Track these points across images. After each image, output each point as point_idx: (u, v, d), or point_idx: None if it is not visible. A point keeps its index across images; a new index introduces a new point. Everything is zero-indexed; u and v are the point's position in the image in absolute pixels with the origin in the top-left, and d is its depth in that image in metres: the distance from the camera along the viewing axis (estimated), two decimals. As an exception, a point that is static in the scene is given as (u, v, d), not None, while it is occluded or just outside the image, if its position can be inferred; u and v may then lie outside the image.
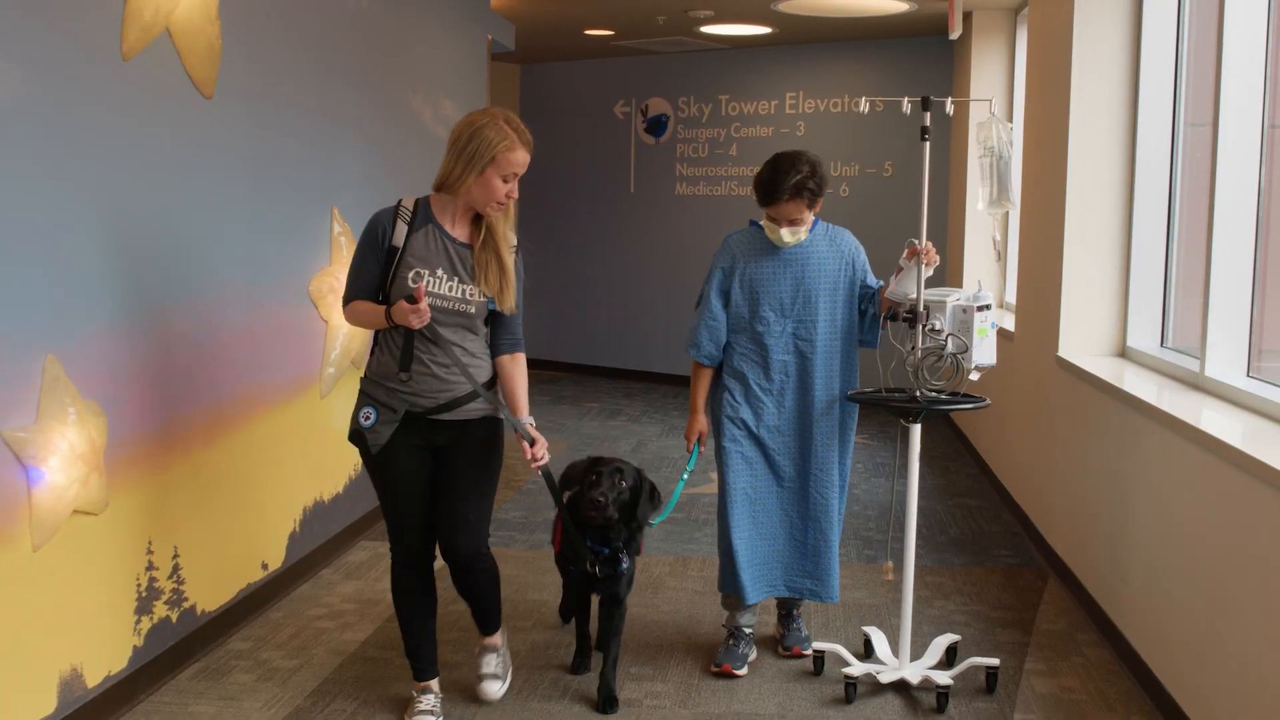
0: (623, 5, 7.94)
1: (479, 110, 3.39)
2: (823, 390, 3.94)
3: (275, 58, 4.48)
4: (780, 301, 3.92)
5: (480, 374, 3.45)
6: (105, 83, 3.43)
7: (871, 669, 3.81)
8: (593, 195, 10.64)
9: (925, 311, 3.71)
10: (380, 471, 3.45)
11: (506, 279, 3.41)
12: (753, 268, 3.93)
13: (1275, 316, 4.10)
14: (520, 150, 3.35)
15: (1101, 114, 5.09)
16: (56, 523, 3.21)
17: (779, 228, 3.85)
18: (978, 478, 6.88)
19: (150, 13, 3.54)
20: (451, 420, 3.43)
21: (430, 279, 3.34)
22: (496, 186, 3.32)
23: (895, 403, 3.77)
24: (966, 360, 3.70)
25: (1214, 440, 3.32)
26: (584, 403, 9.43)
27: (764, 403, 3.95)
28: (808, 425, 3.96)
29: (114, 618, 3.56)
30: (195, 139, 3.92)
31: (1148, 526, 3.93)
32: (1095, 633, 4.36)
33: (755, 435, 3.96)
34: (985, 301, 3.76)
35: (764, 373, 3.95)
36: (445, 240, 3.38)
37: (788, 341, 3.93)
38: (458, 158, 3.31)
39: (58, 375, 3.19)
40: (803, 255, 3.92)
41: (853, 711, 3.67)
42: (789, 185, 3.75)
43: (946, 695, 3.68)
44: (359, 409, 3.40)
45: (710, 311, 3.97)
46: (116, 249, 3.51)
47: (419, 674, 3.62)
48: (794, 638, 4.15)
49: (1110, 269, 5.15)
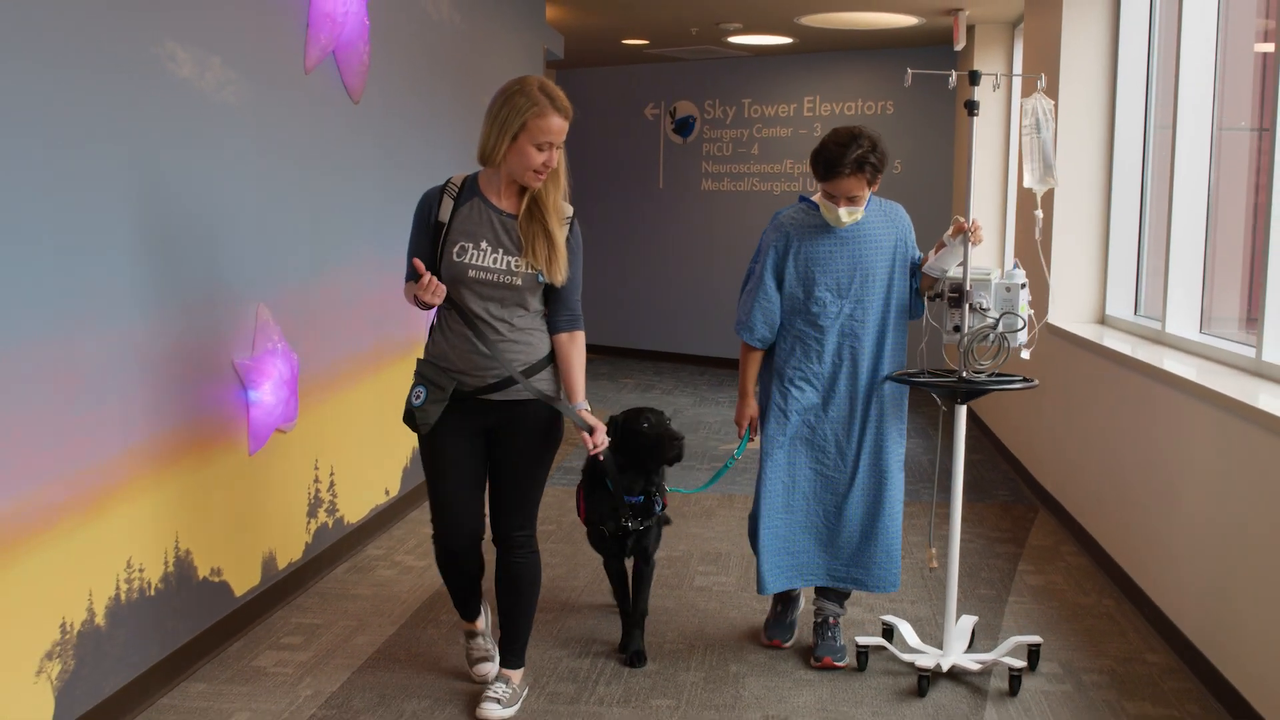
0: (659, 18, 8.86)
1: (515, 78, 3.28)
2: (875, 372, 3.79)
3: (399, 69, 5.39)
4: (838, 282, 3.72)
5: (533, 353, 3.34)
6: (292, 90, 4.34)
7: (936, 658, 3.71)
8: (624, 191, 11.57)
9: (970, 289, 3.62)
10: (428, 451, 3.40)
11: (555, 250, 3.27)
12: (808, 247, 3.73)
13: (1222, 287, 5.01)
14: (553, 116, 3.19)
15: (1084, 119, 6.02)
16: (265, 434, 4.12)
17: (837, 207, 3.65)
18: (979, 437, 7.81)
19: (325, 36, 4.45)
20: (502, 400, 3.33)
21: (474, 251, 3.25)
22: (531, 155, 3.19)
23: (943, 384, 3.63)
24: (1013, 339, 3.60)
25: (1174, 378, 4.22)
26: (620, 379, 10.37)
27: (816, 387, 3.79)
28: (861, 408, 3.79)
29: (295, 517, 4.47)
30: (346, 136, 4.84)
31: (1120, 455, 4.84)
32: (1076, 546, 5.27)
33: (805, 421, 3.81)
34: (1022, 280, 3.68)
35: (817, 356, 3.77)
36: (490, 212, 3.29)
37: (844, 323, 3.75)
38: (491, 125, 3.21)
39: (267, 320, 4.11)
40: (860, 233, 3.72)
41: (926, 704, 3.57)
42: (851, 159, 3.56)
43: (1019, 677, 3.62)
44: (412, 389, 3.35)
45: (765, 292, 3.76)
46: (303, 222, 4.42)
47: (468, 616, 3.70)
48: (826, 647, 3.85)
49: (1092, 250, 6.08)
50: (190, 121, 3.64)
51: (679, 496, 3.93)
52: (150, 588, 3.48)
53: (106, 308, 3.24)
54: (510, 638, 3.54)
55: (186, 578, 3.69)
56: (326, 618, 4.24)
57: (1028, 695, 3.64)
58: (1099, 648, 4.05)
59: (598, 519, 3.86)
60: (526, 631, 3.55)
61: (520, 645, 3.55)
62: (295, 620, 4.20)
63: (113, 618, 3.30)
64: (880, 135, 3.70)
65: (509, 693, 3.51)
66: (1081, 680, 3.76)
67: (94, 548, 3.21)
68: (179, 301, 3.61)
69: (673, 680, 3.76)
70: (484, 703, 3.46)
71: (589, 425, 3.35)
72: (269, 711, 3.46)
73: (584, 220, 3.49)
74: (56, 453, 3.03)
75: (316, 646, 3.97)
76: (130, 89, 3.32)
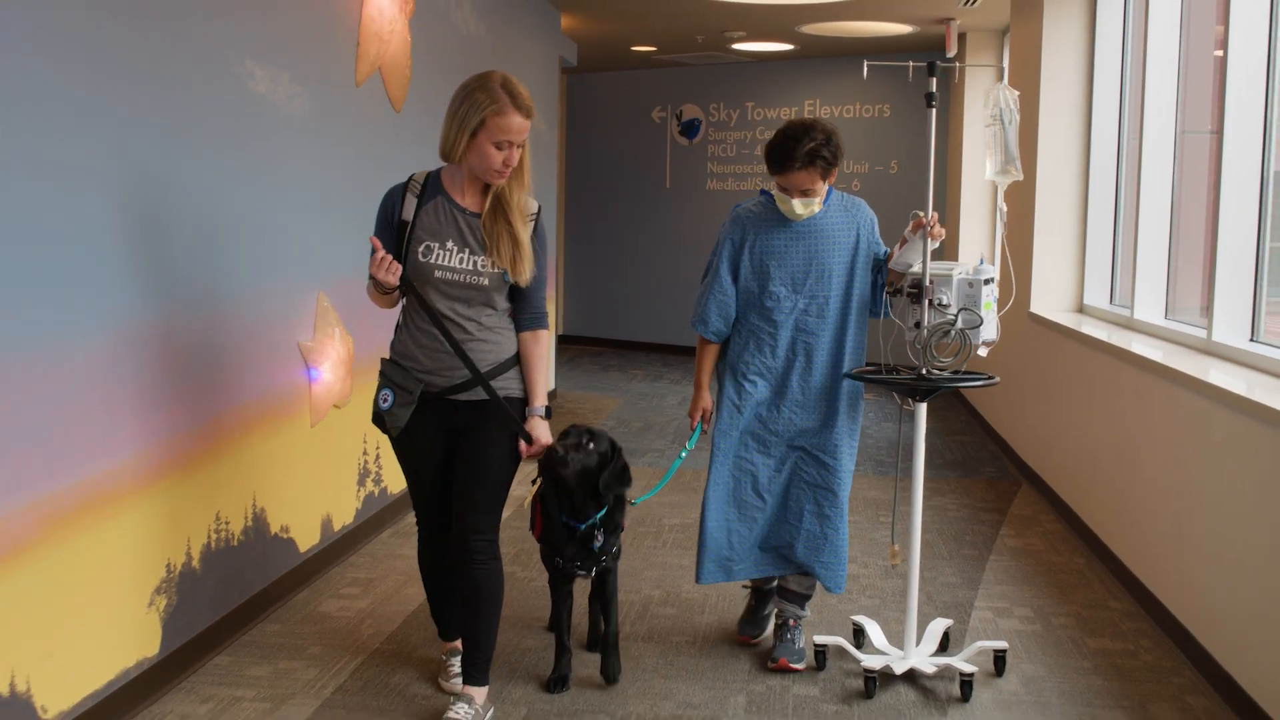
0: (668, 26, 9.36)
1: (478, 73, 3.19)
2: (832, 368, 3.75)
3: (435, 79, 5.88)
4: (792, 276, 3.70)
5: (501, 351, 3.30)
6: (345, 101, 4.84)
7: (886, 660, 3.66)
8: (632, 191, 12.08)
9: (930, 286, 3.57)
10: (401, 453, 3.38)
11: (520, 250, 3.20)
12: (763, 240, 3.70)
13: (1185, 277, 5.50)
14: (513, 115, 3.07)
15: (1064, 122, 6.53)
16: (324, 409, 4.62)
17: (790, 199, 3.61)
18: (969, 421, 8.31)
19: (374, 53, 4.95)
20: (469, 400, 3.29)
21: (440, 252, 3.19)
22: (490, 154, 3.10)
23: (902, 382, 3.57)
24: (974, 336, 3.55)
25: (1136, 358, 4.70)
26: (629, 370, 10.87)
27: (769, 381, 3.76)
28: (815, 404, 3.76)
29: (347, 485, 4.96)
30: (389, 142, 5.33)
31: (1092, 430, 5.34)
32: (1054, 514, 5.77)
33: (757, 415, 3.78)
34: (989, 275, 3.61)
35: (771, 351, 3.74)
36: (455, 211, 3.22)
37: (798, 318, 3.71)
38: (451, 121, 3.14)
39: (327, 307, 4.61)
40: (817, 228, 3.69)
41: (873, 705, 3.54)
42: (802, 153, 3.52)
43: (970, 683, 3.57)
44: (377, 391, 3.30)
45: (720, 285, 3.74)
46: (354, 219, 4.92)
47: (445, 634, 3.66)
48: (784, 649, 3.80)
49: (1070, 245, 6.59)
50: (266, 130, 4.14)
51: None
52: (234, 539, 3.98)
53: (201, 294, 3.74)
54: (472, 653, 3.34)
55: (261, 532, 4.18)
56: (378, 573, 4.73)
57: (1001, 633, 4.13)
58: (1067, 596, 4.55)
59: (550, 542, 3.58)
60: (490, 646, 3.36)
61: (484, 661, 3.35)
62: (350, 575, 4.70)
63: (205, 562, 3.80)
64: (836, 129, 3.64)
65: (471, 713, 3.30)
66: (1051, 622, 4.26)
67: (191, 501, 3.70)
68: (255, 289, 4.10)
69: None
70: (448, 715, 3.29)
71: (528, 434, 3.27)
72: (339, 646, 3.96)
73: (594, 218, 3.75)
74: (161, 417, 3.53)
75: (372, 596, 4.46)
76: (219, 103, 3.82)
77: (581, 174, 12.26)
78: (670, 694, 3.62)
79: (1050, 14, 6.54)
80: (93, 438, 3.19)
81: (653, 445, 7.48)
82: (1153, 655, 3.96)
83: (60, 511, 3.05)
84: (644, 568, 4.85)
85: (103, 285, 3.23)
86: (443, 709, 3.41)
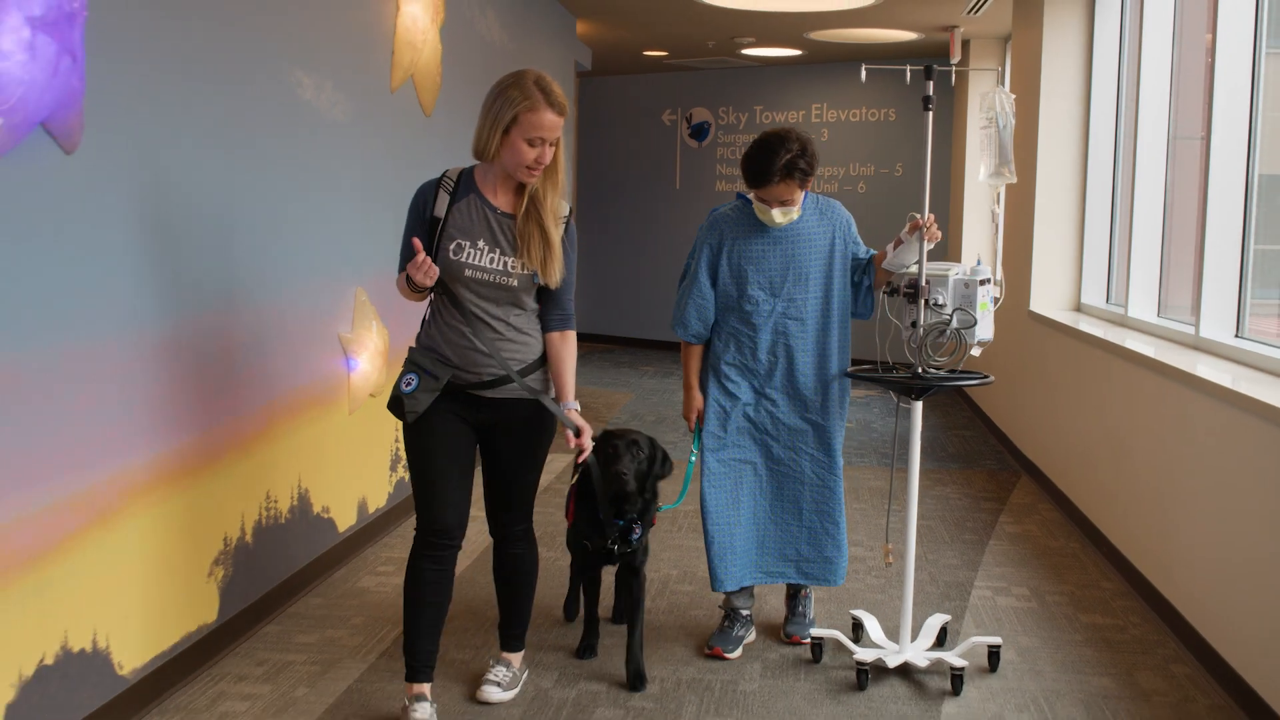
0: (679, 32, 9.63)
1: (513, 71, 3.23)
2: (814, 370, 3.80)
3: (461, 84, 6.16)
4: (770, 280, 3.75)
5: (528, 352, 3.31)
6: (381, 107, 5.11)
7: (879, 654, 3.73)
8: (642, 192, 12.36)
9: (926, 286, 3.62)
10: (416, 439, 3.30)
11: (551, 251, 3.22)
12: (742, 244, 3.76)
13: (1177, 277, 5.77)
14: (545, 112, 3.09)
15: (1062, 128, 6.80)
16: (362, 397, 4.90)
17: (770, 208, 3.67)
18: (970, 415, 8.58)
19: (408, 60, 5.23)
20: (496, 398, 3.30)
21: (471, 250, 3.21)
22: (523, 151, 3.12)
23: (897, 380, 3.63)
24: (969, 335, 3.61)
25: (1129, 353, 4.97)
26: (640, 366, 11.15)
27: (752, 384, 3.83)
28: (799, 406, 3.82)
29: (380, 470, 5.24)
30: (419, 145, 5.61)
31: (1087, 423, 5.61)
32: (1051, 503, 6.04)
33: (745, 417, 3.84)
34: (985, 276, 3.66)
35: (752, 353, 3.79)
36: (487, 210, 3.24)
37: (777, 321, 3.76)
38: (485, 118, 3.17)
39: (364, 301, 4.89)
40: (794, 233, 3.74)
41: (864, 698, 3.60)
42: (779, 166, 3.56)
43: (961, 677, 3.62)
44: (401, 376, 3.27)
45: (698, 289, 3.80)
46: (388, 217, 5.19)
47: (413, 674, 3.34)
48: (795, 624, 4.00)
49: (1069, 246, 6.86)
50: (312, 136, 4.42)
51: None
52: (281, 516, 4.26)
53: (251, 289, 4.02)
54: (510, 623, 3.57)
55: (305, 511, 4.46)
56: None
57: (998, 610, 4.40)
58: (1062, 577, 4.82)
59: (582, 528, 3.75)
60: (526, 616, 3.60)
61: (520, 629, 3.59)
62: (385, 554, 4.98)
63: (257, 537, 4.07)
64: (811, 137, 3.66)
65: (509, 676, 3.54)
66: (1045, 600, 4.53)
67: (245, 480, 3.98)
68: (300, 284, 4.38)
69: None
70: (484, 686, 3.50)
71: (576, 426, 3.30)
72: (380, 618, 4.23)
73: (605, 218, 3.94)
74: (221, 402, 3.81)
75: (407, 573, 4.74)
76: (273, 110, 4.10)
77: (594, 175, 12.55)
78: (691, 660, 3.89)
79: (1050, 23, 6.82)
80: (163, 419, 3.47)
81: (666, 438, 7.73)
82: (1140, 630, 4.23)
83: (137, 484, 3.34)
84: (661, 550, 5.13)
85: (173, 283, 3.51)
86: (481, 671, 3.70)
